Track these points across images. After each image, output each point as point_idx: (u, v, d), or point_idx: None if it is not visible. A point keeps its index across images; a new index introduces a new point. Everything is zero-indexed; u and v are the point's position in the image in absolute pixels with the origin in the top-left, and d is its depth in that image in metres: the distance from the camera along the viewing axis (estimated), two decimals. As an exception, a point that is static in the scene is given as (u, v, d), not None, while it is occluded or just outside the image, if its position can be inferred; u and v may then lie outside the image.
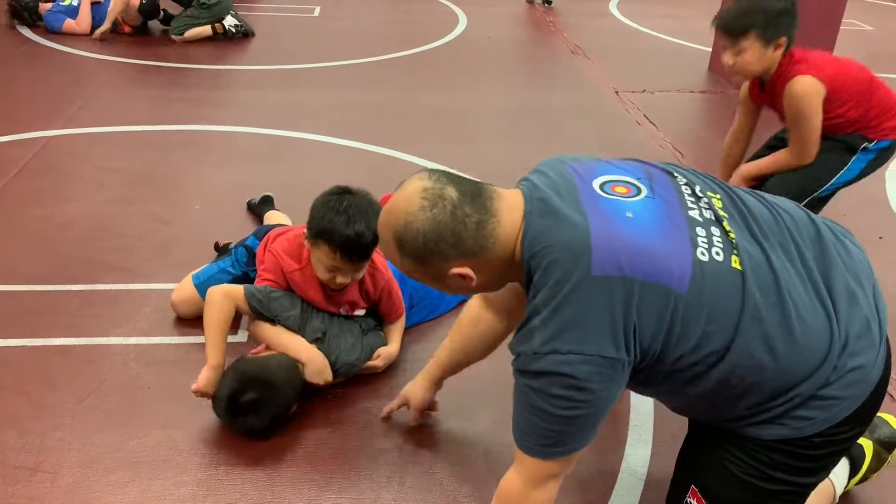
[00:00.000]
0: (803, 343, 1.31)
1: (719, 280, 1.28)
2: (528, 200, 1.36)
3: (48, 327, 2.42)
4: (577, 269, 1.26)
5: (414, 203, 1.33)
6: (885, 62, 6.03)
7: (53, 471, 1.89)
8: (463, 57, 5.79)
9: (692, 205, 1.37)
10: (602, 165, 1.45)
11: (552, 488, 1.42)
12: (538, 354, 1.28)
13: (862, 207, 3.52)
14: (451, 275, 1.36)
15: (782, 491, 1.43)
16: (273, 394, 1.98)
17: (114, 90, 4.62)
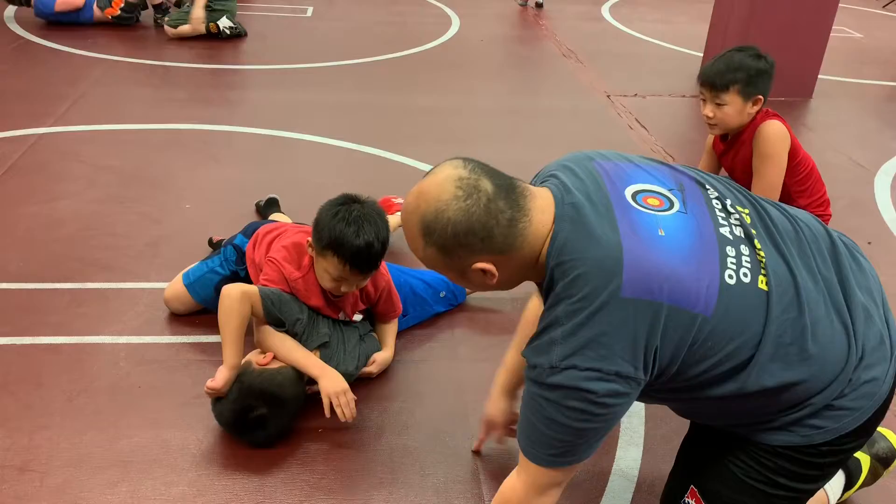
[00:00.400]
0: (821, 357, 1.32)
1: (745, 302, 1.29)
2: (560, 204, 1.33)
3: (37, 326, 2.40)
4: (607, 289, 1.24)
5: (447, 191, 1.28)
6: (873, 68, 6.08)
7: (42, 470, 1.87)
8: (455, 59, 5.80)
9: (723, 221, 1.36)
10: (633, 170, 1.41)
11: (554, 495, 1.42)
12: (556, 368, 1.26)
13: (851, 213, 3.55)
14: (473, 269, 1.32)
15: (782, 496, 1.44)
16: (281, 409, 1.96)
17: (105, 88, 4.60)
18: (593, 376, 1.24)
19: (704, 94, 2.59)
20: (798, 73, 5.14)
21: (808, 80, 5.21)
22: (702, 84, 2.59)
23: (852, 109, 5.10)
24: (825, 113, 4.99)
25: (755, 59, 2.56)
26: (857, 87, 5.62)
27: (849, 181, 3.92)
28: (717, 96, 2.54)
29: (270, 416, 1.94)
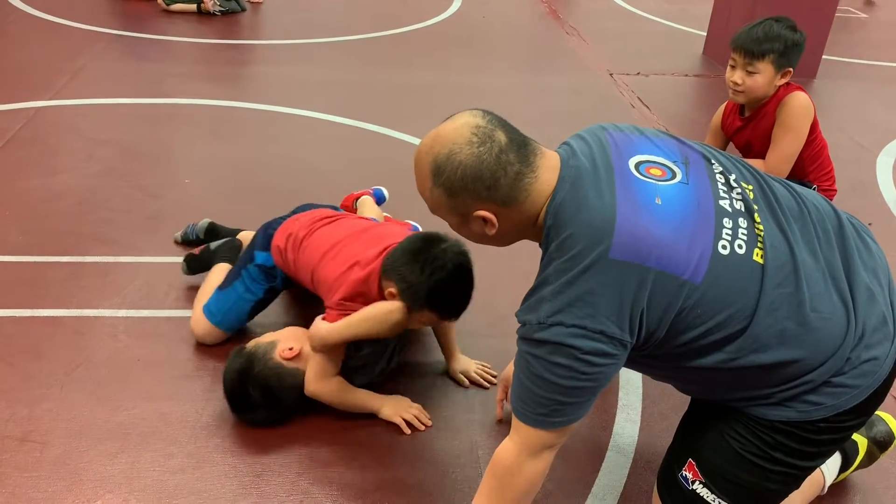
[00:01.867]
0: (818, 333, 1.32)
1: (737, 273, 1.30)
2: (564, 165, 1.37)
3: (36, 298, 2.40)
4: (596, 249, 1.27)
5: (463, 136, 1.33)
6: (878, 49, 6.04)
7: (42, 441, 1.88)
8: (457, 36, 5.76)
9: (724, 194, 1.38)
10: (641, 142, 1.44)
11: (546, 459, 1.43)
12: (543, 324, 1.30)
13: (852, 193, 3.54)
14: (474, 216, 1.36)
15: (779, 472, 1.45)
16: (275, 406, 1.94)
17: (104, 62, 4.57)
18: (578, 333, 1.27)
19: (736, 60, 2.55)
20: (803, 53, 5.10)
21: (812, 61, 5.17)
22: (735, 49, 2.55)
23: (856, 90, 5.07)
24: (828, 93, 4.96)
25: (792, 31, 2.54)
26: (862, 67, 5.58)
27: (851, 162, 3.90)
28: (751, 63, 2.51)
29: (262, 406, 1.93)
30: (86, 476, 1.79)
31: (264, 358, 1.94)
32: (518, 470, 1.43)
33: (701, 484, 1.50)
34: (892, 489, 1.91)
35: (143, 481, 1.79)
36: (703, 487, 1.50)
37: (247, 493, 1.78)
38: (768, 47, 2.49)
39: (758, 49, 2.49)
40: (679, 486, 1.54)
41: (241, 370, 1.93)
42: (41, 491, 1.75)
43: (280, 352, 1.95)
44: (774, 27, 2.52)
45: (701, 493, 1.50)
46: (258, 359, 1.94)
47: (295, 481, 1.82)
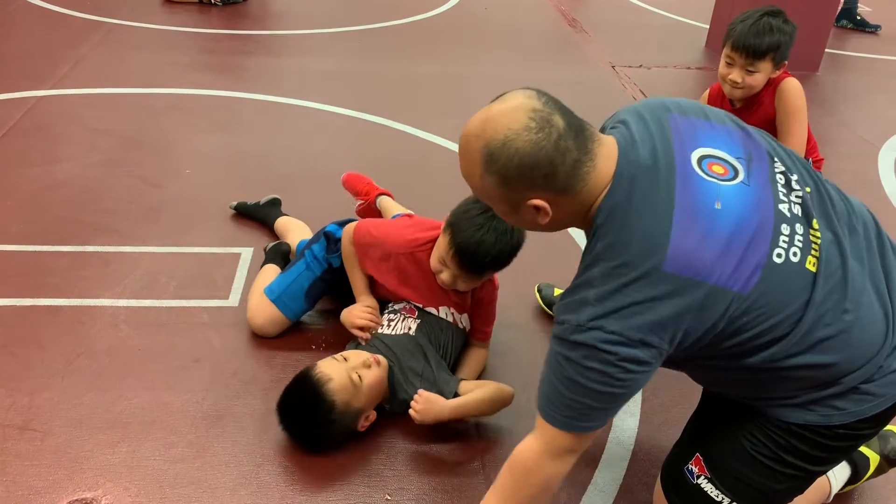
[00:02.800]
0: (858, 341, 1.31)
1: (789, 281, 1.27)
2: (623, 157, 1.29)
3: (37, 288, 2.40)
4: (649, 261, 1.22)
5: (519, 121, 1.23)
6: (882, 44, 6.02)
7: (43, 430, 1.89)
8: (459, 27, 5.74)
9: (783, 197, 1.33)
10: (705, 131, 1.36)
11: (568, 461, 1.39)
12: (581, 327, 1.25)
13: (854, 187, 3.53)
14: (528, 205, 1.28)
15: (789, 474, 1.44)
16: (315, 414, 1.85)
17: (105, 52, 4.56)
18: (617, 339, 1.23)
19: (734, 59, 2.51)
20: (805, 46, 5.07)
21: (815, 54, 5.15)
22: (735, 49, 2.50)
23: (858, 84, 5.05)
24: (831, 87, 4.95)
25: (787, 24, 2.52)
26: (865, 61, 5.56)
27: (853, 156, 3.90)
28: (752, 63, 2.47)
29: (315, 438, 1.87)
30: (86, 465, 1.80)
31: (344, 416, 1.85)
32: (538, 470, 1.40)
33: (706, 479, 1.50)
34: (891, 482, 1.92)
35: (143, 470, 1.80)
36: (708, 483, 1.49)
37: (247, 483, 1.79)
38: (769, 46, 2.46)
39: (759, 49, 2.46)
40: (683, 479, 1.53)
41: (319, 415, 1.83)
42: (42, 479, 1.75)
43: (361, 426, 1.91)
44: (772, 23, 2.48)
45: (705, 487, 1.50)
46: (339, 414, 1.83)
47: (295, 472, 1.83)
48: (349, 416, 1.85)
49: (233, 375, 2.11)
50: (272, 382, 2.08)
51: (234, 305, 2.39)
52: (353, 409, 1.85)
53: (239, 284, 2.48)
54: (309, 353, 2.20)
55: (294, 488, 1.79)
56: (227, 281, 2.50)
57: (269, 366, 2.15)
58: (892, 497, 1.89)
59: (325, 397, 1.80)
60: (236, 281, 2.50)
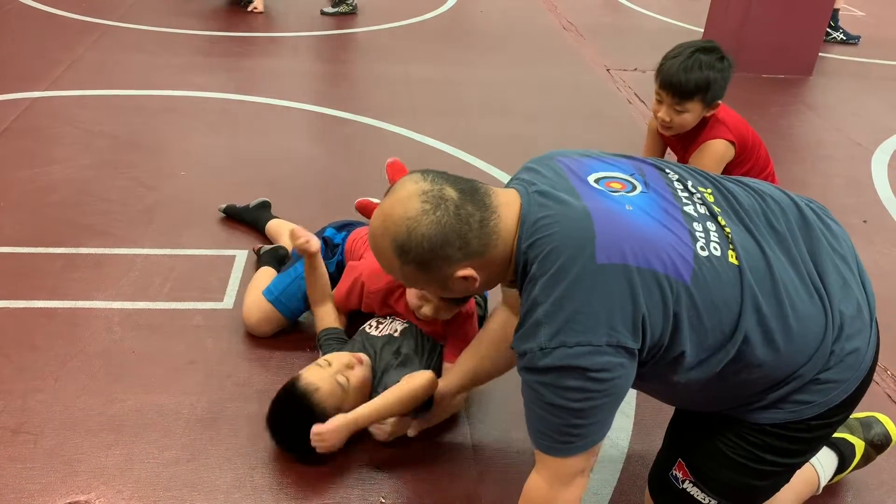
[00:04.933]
0: (800, 330, 1.31)
1: (719, 275, 1.27)
2: (525, 194, 1.33)
3: (31, 290, 2.40)
4: (581, 257, 1.22)
5: (413, 207, 1.27)
6: (875, 47, 6.05)
7: (36, 432, 1.88)
8: (454, 30, 5.75)
9: (686, 200, 1.35)
10: (593, 162, 1.42)
11: (581, 484, 1.36)
12: (546, 350, 1.23)
13: (847, 191, 3.55)
14: (455, 278, 1.31)
15: (771, 471, 1.45)
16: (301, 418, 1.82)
17: (100, 53, 4.55)
18: (584, 351, 1.21)
19: (662, 97, 2.40)
20: (799, 50, 5.12)
21: (809, 58, 5.18)
22: (663, 87, 2.38)
23: (852, 88, 5.07)
24: (825, 91, 4.97)
25: (720, 61, 2.37)
26: (858, 65, 5.59)
27: (846, 159, 3.92)
28: (679, 103, 2.37)
29: (293, 425, 1.82)
30: (80, 468, 1.79)
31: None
32: (554, 503, 1.36)
33: (691, 483, 1.50)
34: (885, 485, 1.92)
35: (137, 473, 1.79)
36: (694, 486, 1.50)
37: (241, 486, 1.78)
38: (696, 86, 2.33)
39: (686, 89, 2.33)
40: (669, 485, 1.54)
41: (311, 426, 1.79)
42: (35, 482, 1.75)
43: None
44: (702, 60, 2.34)
45: (691, 491, 1.50)
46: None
47: (288, 475, 1.83)
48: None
49: (227, 378, 2.11)
50: (267, 385, 2.08)
51: (229, 308, 2.38)
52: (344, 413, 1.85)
53: (233, 286, 2.48)
54: (303, 354, 2.19)
55: (288, 491, 1.78)
56: (222, 283, 2.50)
57: (264, 368, 2.15)
58: (887, 499, 1.90)
59: (316, 408, 1.80)
60: (231, 283, 2.50)
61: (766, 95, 4.76)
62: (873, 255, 2.99)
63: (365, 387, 1.91)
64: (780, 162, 3.90)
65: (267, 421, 1.87)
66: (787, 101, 4.73)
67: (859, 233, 3.15)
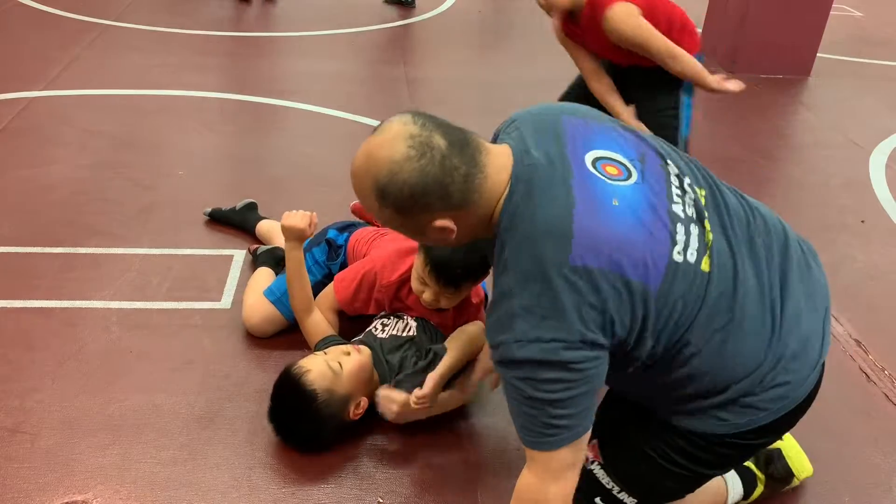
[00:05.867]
0: (741, 352, 1.31)
1: (687, 281, 1.27)
2: (518, 162, 1.30)
3: (28, 289, 2.39)
4: (558, 257, 1.22)
5: (399, 151, 1.24)
6: (873, 48, 6.05)
7: (33, 432, 1.88)
8: (453, 29, 5.75)
9: (677, 199, 1.34)
10: (599, 134, 1.38)
11: (571, 479, 1.35)
12: (520, 342, 1.24)
13: (845, 191, 3.55)
14: (432, 227, 1.29)
15: (678, 474, 1.45)
16: (301, 409, 1.84)
17: (98, 53, 4.55)
18: (559, 346, 1.22)
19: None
20: (797, 50, 5.12)
21: (807, 58, 5.18)
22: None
23: (850, 88, 5.08)
24: (823, 91, 4.98)
25: None
26: (856, 65, 5.59)
27: (844, 160, 3.92)
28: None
29: (286, 407, 1.85)
30: (77, 468, 1.79)
31: (329, 405, 1.83)
32: (546, 499, 1.35)
33: (599, 465, 1.52)
34: (881, 485, 1.93)
35: (134, 473, 1.79)
36: (601, 469, 1.51)
37: (238, 485, 1.78)
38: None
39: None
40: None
41: (302, 407, 1.82)
42: (32, 482, 1.74)
43: (353, 414, 1.89)
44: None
45: (597, 473, 1.52)
46: (323, 403, 1.82)
47: (287, 474, 1.82)
48: (335, 405, 1.83)
49: (225, 378, 2.10)
50: (264, 384, 2.07)
51: (227, 307, 2.38)
52: (339, 396, 1.83)
53: (231, 286, 2.48)
54: (301, 354, 2.17)
55: (285, 491, 1.78)
56: (220, 283, 2.50)
57: (262, 368, 2.15)
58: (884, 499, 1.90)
59: (305, 387, 1.80)
60: (229, 283, 2.50)
61: (764, 95, 4.76)
62: (871, 256, 2.99)
63: (362, 372, 1.90)
64: (778, 161, 3.92)
65: (268, 412, 1.89)
66: (785, 101, 4.74)
67: (857, 233, 3.16)
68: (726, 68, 5.19)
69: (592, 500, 1.54)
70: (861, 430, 2.10)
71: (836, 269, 2.87)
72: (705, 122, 4.35)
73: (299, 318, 2.13)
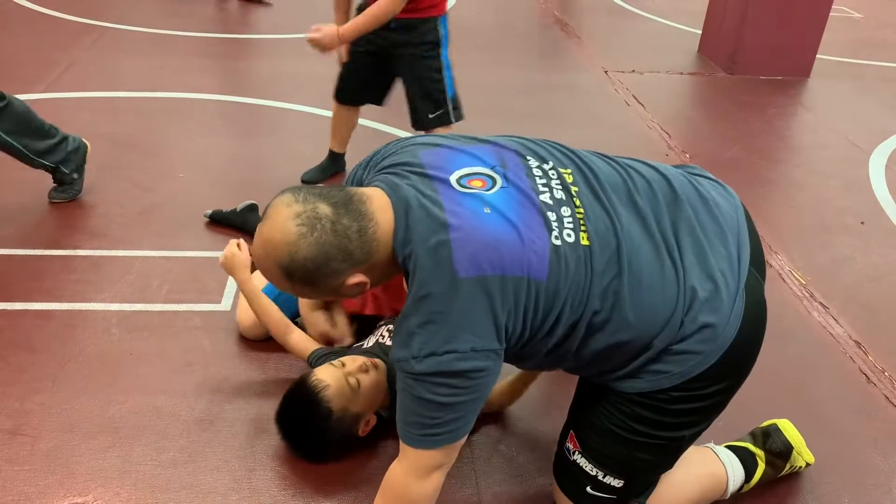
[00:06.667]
0: (648, 304, 1.37)
1: (571, 260, 1.34)
2: (393, 198, 1.36)
3: (28, 291, 2.39)
4: (444, 274, 1.28)
5: (290, 231, 1.30)
6: (873, 50, 6.06)
7: (33, 434, 1.88)
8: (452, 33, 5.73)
9: (543, 188, 1.41)
10: (457, 156, 1.45)
11: (436, 480, 1.44)
12: (417, 358, 1.31)
13: (845, 192, 3.55)
14: (346, 286, 1.36)
15: (646, 444, 1.51)
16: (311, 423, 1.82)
17: (97, 55, 4.55)
18: (452, 358, 1.29)
19: None
20: (796, 52, 5.12)
21: (806, 60, 5.18)
22: None
23: (850, 90, 5.08)
24: (822, 93, 4.98)
25: None
26: (856, 67, 5.60)
27: (844, 161, 3.92)
28: None
29: (300, 420, 1.83)
30: (77, 470, 1.79)
31: (342, 422, 1.82)
32: (408, 493, 1.44)
33: (580, 454, 1.58)
34: (881, 486, 1.93)
35: (134, 475, 1.79)
36: (582, 457, 1.57)
37: (238, 488, 1.78)
38: None
39: None
40: (564, 457, 1.62)
41: (317, 422, 1.80)
42: (32, 485, 1.74)
43: (362, 431, 1.88)
44: None
45: (580, 462, 1.58)
46: (336, 421, 1.80)
47: (287, 476, 1.82)
48: (347, 422, 1.83)
49: (225, 380, 2.10)
50: (265, 387, 2.08)
51: (227, 309, 2.38)
52: (352, 414, 1.83)
53: (231, 288, 2.48)
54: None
55: (286, 493, 1.78)
56: (220, 285, 2.50)
57: (262, 370, 2.15)
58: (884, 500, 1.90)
59: (322, 403, 1.79)
60: (228, 285, 2.50)
61: (764, 97, 4.77)
62: (870, 257, 2.99)
63: (377, 391, 1.88)
64: (778, 163, 3.92)
65: (276, 417, 1.87)
66: (784, 102, 4.74)
67: (856, 234, 3.16)
68: (725, 69, 5.19)
69: (584, 490, 1.60)
70: (861, 431, 2.10)
71: (835, 270, 2.87)
72: (705, 123, 4.36)
73: (281, 342, 2.05)
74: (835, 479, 1.92)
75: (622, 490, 1.58)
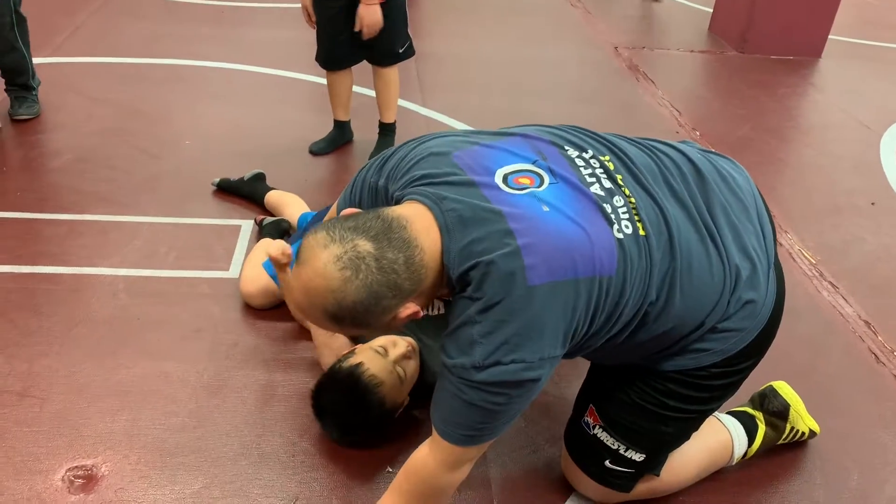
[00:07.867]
0: (700, 286, 1.35)
1: (634, 253, 1.29)
2: (438, 213, 1.26)
3: (35, 255, 2.38)
4: (514, 283, 1.21)
5: (334, 277, 1.18)
6: (884, 30, 6.00)
7: (42, 396, 1.87)
8: (460, 5, 5.68)
9: (591, 178, 1.35)
10: (495, 153, 1.36)
11: (466, 470, 1.42)
12: (479, 367, 1.24)
13: (856, 173, 3.53)
14: (398, 318, 1.26)
15: (673, 417, 1.51)
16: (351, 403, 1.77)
17: (103, 20, 4.50)
18: (519, 367, 1.24)
19: None
20: (808, 32, 5.07)
21: (818, 40, 5.13)
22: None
23: (861, 71, 5.03)
24: (834, 73, 4.93)
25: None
26: (867, 48, 5.54)
27: (855, 142, 3.89)
28: None
29: (353, 414, 1.78)
30: (86, 432, 1.79)
31: (390, 413, 1.81)
32: (435, 481, 1.42)
33: (601, 428, 1.57)
34: (890, 465, 1.92)
35: (143, 439, 1.79)
36: (603, 431, 1.56)
37: (247, 453, 1.78)
38: None
39: None
40: (582, 433, 1.60)
41: (369, 417, 1.77)
42: (41, 446, 1.74)
43: (398, 414, 1.85)
44: None
45: (601, 436, 1.57)
46: (385, 412, 1.78)
47: (296, 442, 1.82)
48: (391, 412, 1.81)
49: (233, 346, 2.10)
50: (273, 354, 2.07)
51: (235, 277, 2.37)
52: (397, 404, 1.82)
53: (239, 256, 2.46)
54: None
55: (295, 459, 1.78)
56: (228, 252, 2.48)
57: (270, 338, 2.14)
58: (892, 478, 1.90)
59: (379, 402, 1.75)
60: (237, 252, 2.48)
61: (775, 77, 4.72)
62: (881, 238, 2.97)
63: (416, 375, 1.87)
64: (788, 142, 3.88)
65: (319, 407, 1.81)
66: (795, 82, 4.70)
67: (867, 214, 3.14)
68: (737, 49, 5.14)
69: (602, 464, 1.59)
70: (870, 410, 2.10)
71: (845, 250, 2.85)
72: (716, 102, 4.32)
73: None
74: (843, 458, 1.92)
75: (641, 464, 1.57)
